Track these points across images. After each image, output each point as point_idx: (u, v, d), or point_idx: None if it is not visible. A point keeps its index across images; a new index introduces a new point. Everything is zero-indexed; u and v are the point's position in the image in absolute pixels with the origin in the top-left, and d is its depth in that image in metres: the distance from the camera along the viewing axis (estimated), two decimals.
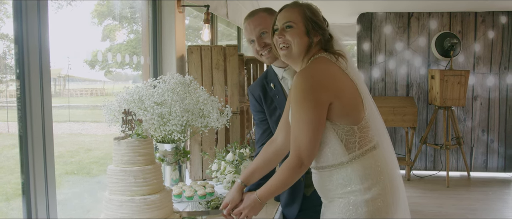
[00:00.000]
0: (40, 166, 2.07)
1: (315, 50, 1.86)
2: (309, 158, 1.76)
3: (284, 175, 1.80)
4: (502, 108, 7.01)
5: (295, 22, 1.83)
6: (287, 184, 1.84)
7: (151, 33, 3.53)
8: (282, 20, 1.86)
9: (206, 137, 3.23)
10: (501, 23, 6.87)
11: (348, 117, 1.78)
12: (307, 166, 1.77)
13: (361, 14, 7.09)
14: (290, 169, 1.77)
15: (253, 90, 2.41)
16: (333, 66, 1.81)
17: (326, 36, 1.87)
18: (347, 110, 1.77)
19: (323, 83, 1.74)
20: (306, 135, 1.72)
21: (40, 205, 2.07)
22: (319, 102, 1.72)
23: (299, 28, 1.83)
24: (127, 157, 1.90)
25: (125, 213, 1.85)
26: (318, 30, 1.84)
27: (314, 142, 1.74)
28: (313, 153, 1.77)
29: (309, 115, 1.72)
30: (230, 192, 2.05)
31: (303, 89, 1.73)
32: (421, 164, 7.18)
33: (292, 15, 1.84)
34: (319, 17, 1.87)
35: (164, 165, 2.68)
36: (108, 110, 2.46)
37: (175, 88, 2.53)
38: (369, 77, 7.17)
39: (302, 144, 1.73)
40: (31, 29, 1.98)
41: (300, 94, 1.73)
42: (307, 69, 1.79)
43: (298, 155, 1.74)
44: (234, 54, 3.30)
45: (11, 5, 2.01)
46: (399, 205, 1.86)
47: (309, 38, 1.83)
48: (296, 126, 1.75)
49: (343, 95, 1.77)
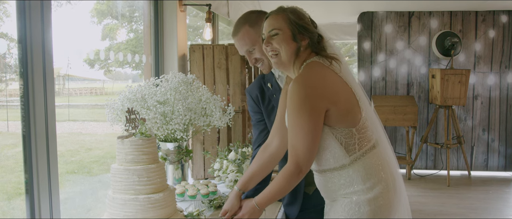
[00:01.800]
0: (43, 165, 2.07)
1: (306, 54, 1.85)
2: (307, 165, 1.77)
3: (282, 182, 1.81)
4: (503, 107, 7.01)
5: (280, 28, 1.82)
6: (285, 190, 1.84)
7: (152, 32, 3.53)
8: (267, 28, 1.85)
9: (208, 136, 3.23)
10: (502, 22, 6.87)
11: (345, 121, 1.78)
12: (305, 172, 1.78)
13: (362, 13, 7.09)
14: (288, 176, 1.78)
15: (250, 91, 2.41)
16: (327, 71, 1.80)
17: (315, 38, 1.85)
18: (344, 114, 1.78)
19: (319, 90, 1.74)
20: (303, 142, 1.73)
21: (43, 203, 2.08)
22: (316, 110, 1.72)
23: (284, 33, 1.82)
24: (131, 156, 1.89)
25: (129, 212, 1.85)
26: (305, 33, 1.82)
27: (312, 149, 1.75)
28: (311, 160, 1.77)
29: (306, 123, 1.72)
30: (228, 200, 2.06)
31: (299, 97, 1.73)
32: (421, 163, 7.18)
33: (276, 22, 1.83)
34: (304, 20, 1.84)
35: (167, 164, 2.68)
36: (111, 109, 2.46)
37: (178, 87, 2.53)
38: (370, 76, 7.17)
39: (299, 152, 1.74)
40: (34, 28, 1.99)
41: (297, 103, 1.73)
42: (302, 77, 1.77)
43: (296, 162, 1.75)
44: (236, 53, 3.30)
45: (11, 4, 2.01)
46: (400, 202, 1.88)
47: (296, 43, 1.81)
48: (293, 133, 1.75)
49: (339, 100, 1.77)
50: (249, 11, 2.33)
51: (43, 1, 2.02)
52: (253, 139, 2.44)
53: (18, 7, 1.96)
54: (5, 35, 2.44)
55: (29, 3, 1.96)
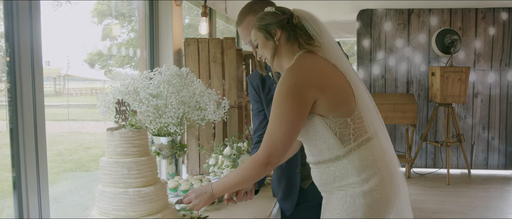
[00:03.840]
0: (32, 163, 2.02)
1: (295, 45, 1.82)
2: (279, 157, 1.71)
3: (246, 171, 1.76)
4: (503, 105, 6.96)
5: (255, 38, 1.86)
6: (247, 181, 1.80)
7: (148, 27, 3.48)
8: (251, 40, 1.90)
9: (203, 131, 3.18)
10: (502, 20, 6.82)
11: (338, 110, 1.73)
12: (273, 166, 1.72)
13: (361, 11, 7.04)
14: (256, 165, 1.73)
15: (251, 79, 2.39)
16: (319, 59, 1.77)
17: (286, 26, 1.81)
18: (336, 103, 1.73)
19: (308, 80, 1.70)
20: (282, 131, 1.68)
21: (32, 201, 2.03)
22: (302, 100, 1.68)
23: (260, 39, 1.85)
24: (121, 148, 1.84)
25: (118, 205, 1.80)
26: (273, 28, 1.81)
27: (289, 141, 1.70)
28: (283, 153, 1.72)
29: (289, 112, 1.68)
30: None
31: (287, 86, 1.69)
32: (421, 162, 7.14)
33: (252, 33, 1.88)
34: (266, 18, 1.84)
35: (160, 158, 2.63)
36: (102, 102, 2.41)
37: (171, 80, 2.48)
38: (369, 74, 7.12)
39: (276, 140, 1.69)
40: (22, 28, 1.95)
41: (283, 91, 1.69)
42: (292, 67, 1.75)
43: (269, 152, 1.70)
44: (232, 47, 3.24)
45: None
46: (398, 197, 1.82)
47: (272, 42, 1.82)
48: (273, 121, 1.71)
49: (329, 89, 1.72)
50: (253, 1, 2.30)
51: (32, 1, 1.98)
52: (254, 129, 2.42)
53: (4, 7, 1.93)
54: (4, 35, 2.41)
55: (17, 3, 1.92)
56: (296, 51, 1.81)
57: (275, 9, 1.86)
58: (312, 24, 1.81)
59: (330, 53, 1.79)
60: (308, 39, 1.80)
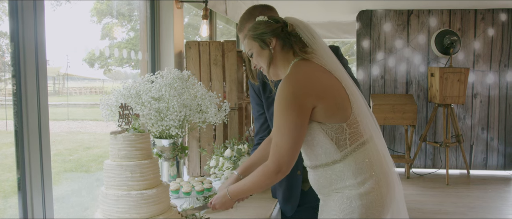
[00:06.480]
0: (36, 163, 2.05)
1: (289, 53, 1.85)
2: (288, 165, 1.76)
3: (259, 179, 1.81)
4: (502, 106, 6.99)
5: (250, 47, 1.90)
6: (261, 187, 1.85)
7: (149, 29, 3.51)
8: (245, 49, 1.93)
9: (204, 133, 3.21)
10: (501, 21, 6.85)
11: (335, 116, 1.77)
12: (284, 173, 1.77)
13: (361, 12, 7.07)
14: (267, 174, 1.78)
15: (253, 82, 2.41)
16: (315, 67, 1.80)
17: (281, 34, 1.84)
18: (333, 110, 1.77)
19: (306, 89, 1.74)
20: (287, 141, 1.72)
21: (36, 202, 2.05)
22: (302, 109, 1.72)
23: (255, 49, 1.88)
24: (124, 151, 1.87)
25: (122, 208, 1.83)
26: (267, 37, 1.84)
27: (295, 149, 1.74)
28: (292, 161, 1.77)
29: (291, 122, 1.72)
30: (226, 182, 2.07)
31: (286, 95, 1.73)
32: (420, 162, 7.17)
33: (246, 42, 1.91)
34: (259, 27, 1.87)
35: (162, 160, 2.66)
36: (105, 106, 2.44)
37: (173, 83, 2.51)
38: (369, 74, 7.15)
39: (283, 151, 1.73)
40: (27, 27, 1.97)
41: (283, 101, 1.73)
42: (288, 76, 1.79)
43: (278, 161, 1.74)
44: (233, 50, 3.28)
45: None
46: (394, 198, 1.86)
47: (268, 50, 1.84)
48: (278, 132, 1.75)
49: (327, 96, 1.76)
50: (253, 6, 2.32)
51: (36, 1, 2.00)
52: (255, 131, 2.47)
53: (10, 6, 1.94)
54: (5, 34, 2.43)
55: (22, 3, 1.94)
56: (291, 59, 1.84)
57: (268, 18, 1.88)
58: (305, 31, 1.84)
59: (324, 59, 1.83)
60: (302, 46, 1.83)
